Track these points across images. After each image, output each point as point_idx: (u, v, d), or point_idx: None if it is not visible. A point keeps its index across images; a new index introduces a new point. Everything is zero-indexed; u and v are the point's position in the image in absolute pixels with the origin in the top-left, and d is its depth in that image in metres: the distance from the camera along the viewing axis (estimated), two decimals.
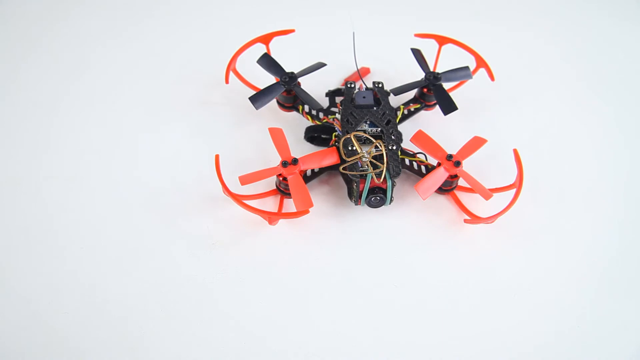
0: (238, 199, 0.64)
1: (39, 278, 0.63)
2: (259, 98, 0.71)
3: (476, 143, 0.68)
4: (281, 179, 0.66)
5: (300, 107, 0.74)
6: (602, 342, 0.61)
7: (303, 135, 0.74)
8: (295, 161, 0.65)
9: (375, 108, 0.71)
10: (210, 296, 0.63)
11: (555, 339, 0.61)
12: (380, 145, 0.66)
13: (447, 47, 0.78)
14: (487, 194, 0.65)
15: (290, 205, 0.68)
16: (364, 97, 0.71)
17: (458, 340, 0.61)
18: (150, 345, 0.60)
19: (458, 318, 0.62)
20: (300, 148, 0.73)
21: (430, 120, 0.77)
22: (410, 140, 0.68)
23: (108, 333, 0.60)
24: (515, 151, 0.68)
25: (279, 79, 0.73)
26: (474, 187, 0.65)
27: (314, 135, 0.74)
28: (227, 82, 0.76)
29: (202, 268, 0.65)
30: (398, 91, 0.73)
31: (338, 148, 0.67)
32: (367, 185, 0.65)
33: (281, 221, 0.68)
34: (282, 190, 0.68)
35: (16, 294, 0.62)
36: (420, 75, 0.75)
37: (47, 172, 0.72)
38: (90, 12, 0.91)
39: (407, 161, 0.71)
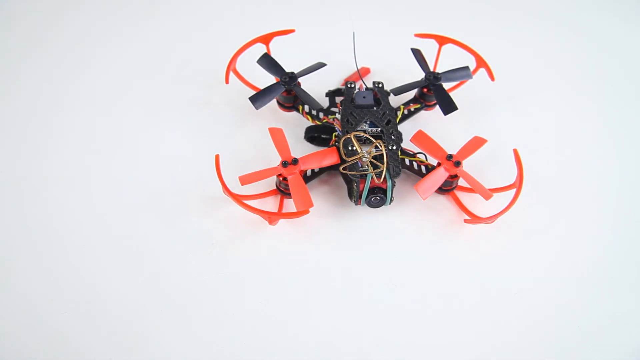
0: (238, 199, 0.64)
1: (40, 278, 0.63)
2: (258, 98, 0.71)
3: (476, 143, 0.68)
4: (281, 179, 0.66)
5: (301, 107, 0.74)
6: (603, 342, 0.61)
7: (303, 135, 0.74)
8: (295, 161, 0.65)
9: (375, 108, 0.71)
10: (210, 296, 0.63)
11: (555, 339, 0.61)
12: (380, 145, 0.66)
13: (447, 47, 0.78)
14: (487, 194, 0.65)
15: (290, 205, 0.68)
16: (364, 97, 0.71)
17: (458, 340, 0.61)
18: (151, 345, 0.59)
19: (458, 318, 0.62)
20: (301, 148, 0.73)
21: (430, 120, 0.77)
22: (410, 140, 0.68)
23: (108, 333, 0.60)
24: (515, 151, 0.68)
25: (279, 79, 0.73)
26: (474, 187, 0.65)
27: (314, 135, 0.74)
28: (227, 82, 0.76)
29: (202, 268, 0.65)
30: (398, 91, 0.73)
31: (338, 148, 0.67)
32: (367, 185, 0.65)
33: (281, 221, 0.68)
34: (282, 190, 0.68)
35: (17, 293, 0.62)
36: (420, 75, 0.75)
37: (47, 172, 0.72)
38: (90, 12, 0.91)
39: (407, 161, 0.71)
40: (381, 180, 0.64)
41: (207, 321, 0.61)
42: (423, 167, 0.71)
